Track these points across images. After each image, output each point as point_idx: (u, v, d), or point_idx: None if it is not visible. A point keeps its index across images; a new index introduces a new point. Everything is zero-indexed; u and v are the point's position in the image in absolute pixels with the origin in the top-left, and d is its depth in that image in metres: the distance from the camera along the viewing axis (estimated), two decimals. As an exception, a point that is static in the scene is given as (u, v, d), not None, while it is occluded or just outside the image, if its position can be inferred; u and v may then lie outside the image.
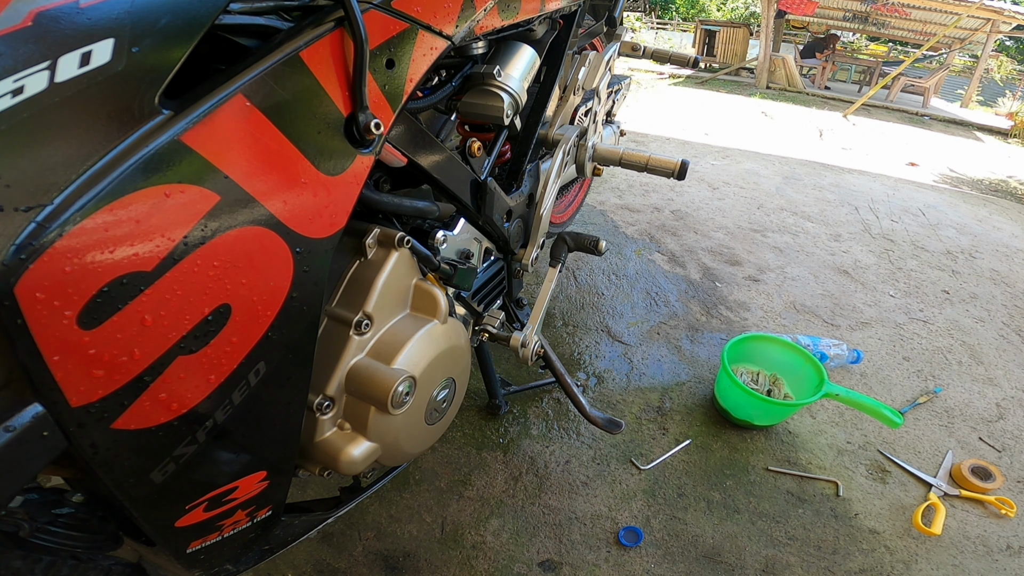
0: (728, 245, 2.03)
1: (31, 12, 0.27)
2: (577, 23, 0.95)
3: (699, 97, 5.42)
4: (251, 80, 0.38)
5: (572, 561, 0.91)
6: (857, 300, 1.76)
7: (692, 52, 3.03)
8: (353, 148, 0.47)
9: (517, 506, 0.99)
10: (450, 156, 0.67)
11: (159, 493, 0.41)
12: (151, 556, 0.52)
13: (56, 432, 0.33)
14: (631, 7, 2.16)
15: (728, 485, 1.07)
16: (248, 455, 0.49)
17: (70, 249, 0.30)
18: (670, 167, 1.08)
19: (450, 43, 0.57)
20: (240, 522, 0.53)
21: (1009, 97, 8.23)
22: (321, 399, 0.56)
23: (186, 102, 0.35)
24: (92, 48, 0.29)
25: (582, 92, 1.08)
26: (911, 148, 4.26)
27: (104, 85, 0.30)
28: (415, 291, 0.63)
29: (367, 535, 0.92)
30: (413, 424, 0.64)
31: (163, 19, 0.32)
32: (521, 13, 0.70)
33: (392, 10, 0.49)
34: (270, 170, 0.40)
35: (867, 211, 2.53)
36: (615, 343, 1.44)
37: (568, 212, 1.70)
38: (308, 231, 0.44)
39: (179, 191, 0.35)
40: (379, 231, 0.59)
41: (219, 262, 0.38)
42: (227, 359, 0.42)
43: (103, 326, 0.33)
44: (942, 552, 0.99)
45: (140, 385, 0.36)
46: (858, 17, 7.95)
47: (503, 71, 0.75)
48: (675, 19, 15.50)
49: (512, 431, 1.14)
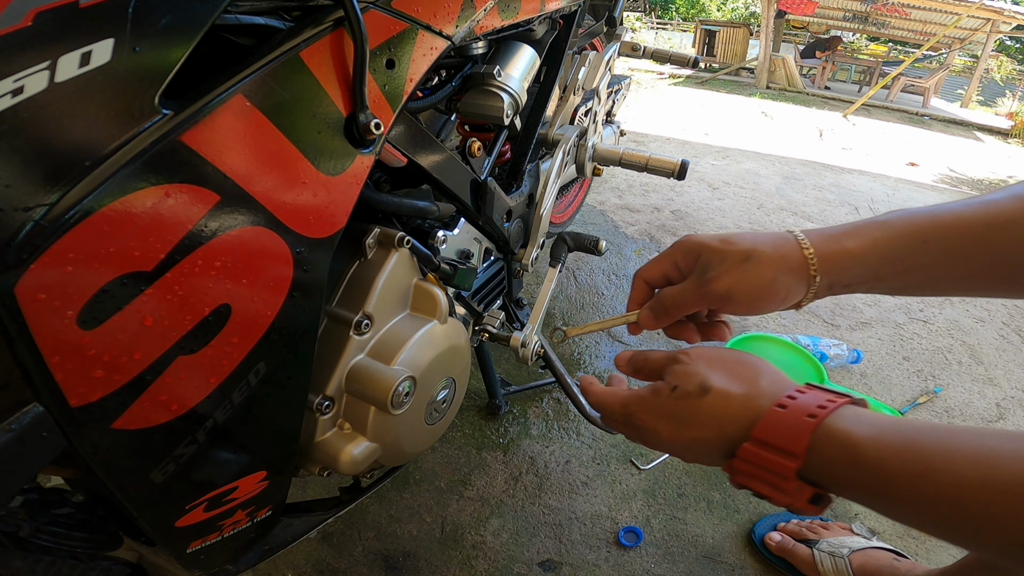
0: (728, 245, 2.03)
1: (31, 12, 0.27)
2: (577, 23, 0.95)
3: (699, 97, 5.42)
4: (251, 80, 0.38)
5: (572, 561, 0.91)
6: (857, 300, 1.76)
7: (692, 52, 3.03)
8: (353, 148, 0.47)
9: (517, 506, 0.99)
10: (450, 156, 0.67)
11: (159, 493, 0.41)
12: (151, 556, 0.52)
13: (56, 432, 0.33)
14: (631, 7, 2.16)
15: (728, 485, 1.07)
16: (248, 455, 0.49)
17: (70, 249, 0.30)
18: (670, 167, 1.08)
19: (450, 43, 0.57)
20: (240, 522, 0.53)
21: (1009, 97, 8.24)
22: (321, 399, 0.56)
23: (186, 102, 0.35)
24: (92, 48, 0.29)
25: (582, 92, 1.08)
26: (911, 148, 4.26)
27: (104, 85, 0.30)
28: (415, 291, 0.63)
29: (367, 535, 0.92)
30: (413, 424, 0.64)
31: (163, 19, 0.32)
32: (521, 13, 0.70)
33: (392, 10, 0.49)
34: (270, 170, 0.40)
35: (867, 211, 2.53)
36: (615, 343, 1.44)
37: (568, 212, 1.70)
38: (308, 231, 0.44)
39: (179, 191, 0.35)
40: (379, 231, 0.59)
41: (219, 262, 0.38)
42: (227, 359, 0.42)
43: (103, 326, 0.33)
44: (942, 551, 0.99)
45: (140, 385, 0.36)
46: (858, 17, 7.95)
47: (503, 71, 0.75)
48: (675, 19, 15.50)
49: (512, 431, 1.14)
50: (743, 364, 0.42)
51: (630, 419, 0.44)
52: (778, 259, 0.43)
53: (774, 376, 0.41)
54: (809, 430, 0.35)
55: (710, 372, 0.41)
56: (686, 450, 0.42)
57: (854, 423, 0.34)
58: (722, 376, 0.41)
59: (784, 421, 0.36)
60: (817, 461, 0.35)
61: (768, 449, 0.36)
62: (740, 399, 0.39)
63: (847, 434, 0.34)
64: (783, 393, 0.38)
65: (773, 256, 0.43)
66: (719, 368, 0.42)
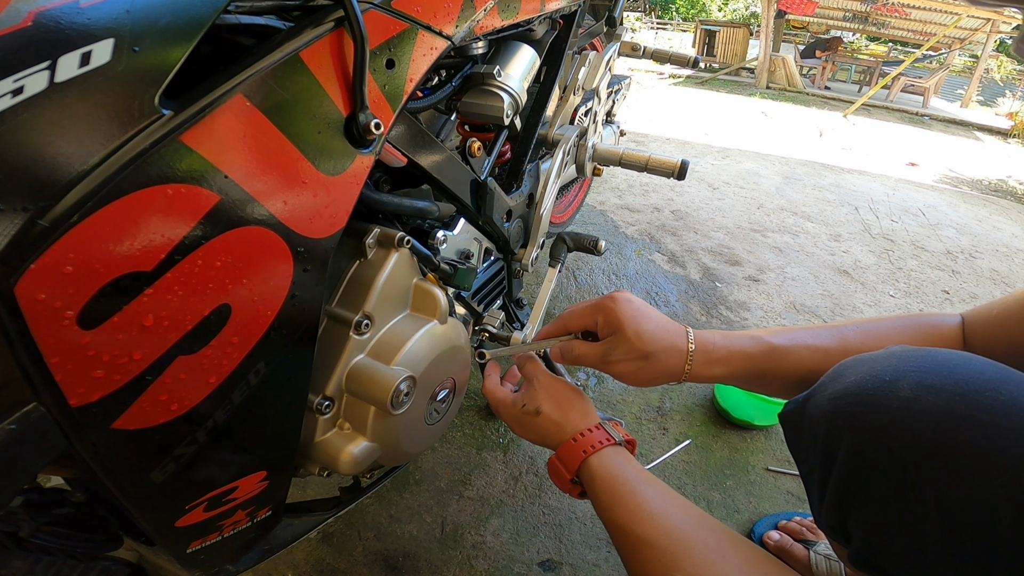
0: (728, 245, 2.03)
1: (31, 12, 0.27)
2: (577, 23, 0.95)
3: (699, 97, 5.42)
4: (251, 80, 0.38)
5: (572, 561, 0.91)
6: (857, 300, 1.76)
7: (692, 52, 3.02)
8: (353, 148, 0.47)
9: (517, 506, 0.99)
10: (450, 156, 0.67)
11: (159, 493, 0.41)
12: (151, 556, 0.52)
13: (56, 432, 0.33)
14: (631, 7, 2.16)
15: (728, 485, 1.07)
16: (248, 455, 0.49)
17: (70, 249, 0.30)
18: (670, 167, 1.08)
19: (450, 43, 0.57)
20: (240, 522, 0.53)
21: (1009, 97, 8.24)
22: (321, 399, 0.56)
23: (186, 102, 0.35)
24: (92, 48, 0.29)
25: (582, 92, 1.08)
26: (911, 148, 4.26)
27: (104, 85, 0.30)
28: (415, 291, 0.63)
29: (367, 535, 0.92)
30: (413, 424, 0.64)
31: (163, 19, 0.32)
32: (521, 13, 0.70)
33: (392, 10, 0.49)
34: (270, 170, 0.40)
35: (867, 211, 2.54)
36: (615, 343, 1.44)
37: (568, 212, 1.70)
38: (308, 231, 0.44)
39: (179, 191, 0.35)
40: (379, 231, 0.59)
41: (219, 262, 0.38)
42: (227, 359, 0.42)
43: (103, 326, 0.33)
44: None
45: (140, 385, 0.36)
46: (858, 17, 7.96)
47: (503, 71, 0.75)
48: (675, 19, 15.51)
49: (512, 431, 1.14)
50: (567, 399, 0.62)
51: (498, 413, 0.66)
52: (665, 368, 0.59)
53: (583, 410, 0.61)
54: (580, 460, 0.56)
55: (545, 399, 0.61)
56: (533, 441, 0.62)
57: (600, 462, 0.54)
58: (551, 405, 0.61)
59: (571, 449, 0.57)
60: (581, 476, 0.56)
61: (560, 462, 0.57)
62: (556, 424, 0.59)
63: (592, 469, 0.55)
64: (582, 427, 0.58)
65: (664, 364, 0.59)
66: (551, 398, 0.62)
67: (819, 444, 0.44)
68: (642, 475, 0.53)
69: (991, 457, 0.34)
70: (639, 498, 0.49)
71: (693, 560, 0.43)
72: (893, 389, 0.39)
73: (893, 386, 0.39)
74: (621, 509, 0.49)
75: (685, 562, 0.43)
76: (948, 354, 0.41)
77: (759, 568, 0.43)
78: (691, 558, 0.43)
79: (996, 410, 0.35)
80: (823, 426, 0.44)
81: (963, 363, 0.39)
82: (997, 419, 0.35)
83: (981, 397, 0.36)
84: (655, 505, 0.48)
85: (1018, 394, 0.36)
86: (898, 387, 0.39)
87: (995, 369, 0.38)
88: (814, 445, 0.45)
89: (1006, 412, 0.35)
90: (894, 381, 0.40)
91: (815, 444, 0.45)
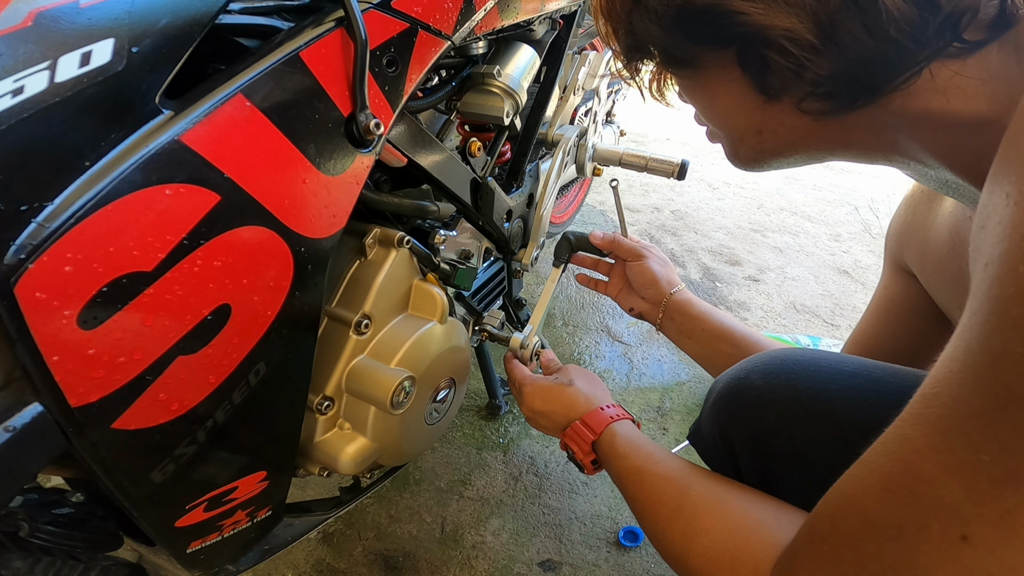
0: (728, 245, 2.03)
1: (31, 12, 0.27)
2: (577, 23, 0.95)
3: (699, 97, 5.41)
4: (251, 80, 0.38)
5: (572, 561, 0.91)
6: (857, 300, 1.76)
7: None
8: (353, 148, 0.47)
9: (517, 506, 0.99)
10: (450, 156, 0.67)
11: (159, 493, 0.41)
12: (151, 556, 0.52)
13: (56, 432, 0.33)
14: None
15: (728, 485, 1.07)
16: (248, 455, 0.49)
17: (70, 249, 0.30)
18: (670, 167, 1.08)
19: (450, 43, 0.57)
20: (240, 522, 0.53)
21: (1009, 97, 8.23)
22: (321, 399, 0.56)
23: (186, 102, 0.35)
24: (92, 48, 0.29)
25: (582, 92, 1.08)
26: (911, 148, 4.25)
27: (104, 85, 0.30)
28: (415, 291, 0.63)
29: (367, 535, 0.92)
30: (413, 424, 0.64)
31: (163, 19, 0.32)
32: (521, 13, 0.70)
33: (392, 10, 0.49)
34: (270, 170, 0.40)
35: (867, 211, 2.54)
36: (615, 343, 1.44)
37: (568, 212, 1.70)
38: (308, 231, 0.44)
39: (179, 191, 0.35)
40: (379, 231, 0.59)
41: (219, 262, 0.38)
42: (227, 359, 0.42)
43: (103, 326, 0.33)
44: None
45: (140, 385, 0.36)
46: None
47: (503, 71, 0.75)
48: (675, 19, 15.46)
49: (512, 431, 1.14)
50: (596, 382, 0.73)
51: (523, 388, 0.74)
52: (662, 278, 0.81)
53: (604, 393, 0.71)
54: (607, 423, 0.63)
55: (578, 376, 0.72)
56: (543, 416, 0.70)
57: (622, 428, 0.63)
58: (584, 381, 0.71)
59: (599, 415, 0.65)
60: (601, 439, 0.63)
61: (586, 427, 0.64)
62: (586, 396, 0.68)
63: (613, 434, 0.62)
64: (604, 403, 0.67)
65: (661, 279, 0.81)
66: (583, 377, 0.73)
67: (720, 448, 0.56)
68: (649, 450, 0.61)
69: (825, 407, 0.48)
70: (654, 447, 0.58)
71: (705, 483, 0.50)
72: (747, 382, 0.54)
73: (746, 380, 0.54)
74: (638, 455, 0.57)
75: (698, 484, 0.50)
76: (786, 350, 0.56)
77: (761, 496, 0.48)
78: (702, 480, 0.51)
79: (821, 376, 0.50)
80: (715, 430, 0.56)
81: (796, 353, 0.55)
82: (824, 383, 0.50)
83: (808, 370, 0.51)
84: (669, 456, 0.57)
85: (835, 368, 0.51)
86: (750, 379, 0.53)
87: (813, 352, 0.54)
88: (718, 451, 0.57)
89: (834, 377, 0.50)
90: (746, 377, 0.54)
91: (719, 450, 0.56)
